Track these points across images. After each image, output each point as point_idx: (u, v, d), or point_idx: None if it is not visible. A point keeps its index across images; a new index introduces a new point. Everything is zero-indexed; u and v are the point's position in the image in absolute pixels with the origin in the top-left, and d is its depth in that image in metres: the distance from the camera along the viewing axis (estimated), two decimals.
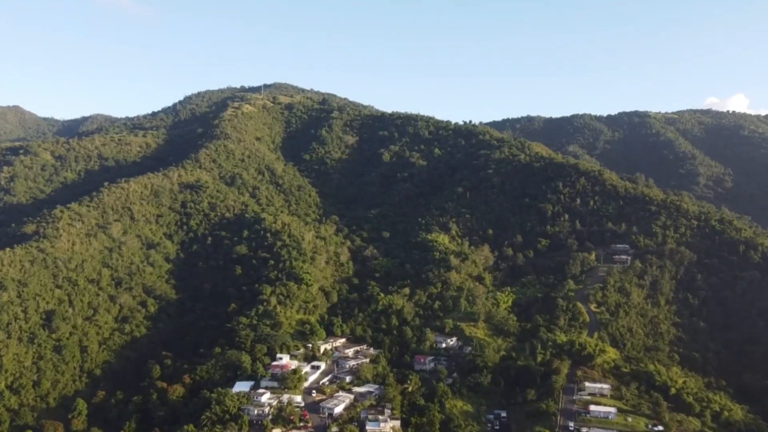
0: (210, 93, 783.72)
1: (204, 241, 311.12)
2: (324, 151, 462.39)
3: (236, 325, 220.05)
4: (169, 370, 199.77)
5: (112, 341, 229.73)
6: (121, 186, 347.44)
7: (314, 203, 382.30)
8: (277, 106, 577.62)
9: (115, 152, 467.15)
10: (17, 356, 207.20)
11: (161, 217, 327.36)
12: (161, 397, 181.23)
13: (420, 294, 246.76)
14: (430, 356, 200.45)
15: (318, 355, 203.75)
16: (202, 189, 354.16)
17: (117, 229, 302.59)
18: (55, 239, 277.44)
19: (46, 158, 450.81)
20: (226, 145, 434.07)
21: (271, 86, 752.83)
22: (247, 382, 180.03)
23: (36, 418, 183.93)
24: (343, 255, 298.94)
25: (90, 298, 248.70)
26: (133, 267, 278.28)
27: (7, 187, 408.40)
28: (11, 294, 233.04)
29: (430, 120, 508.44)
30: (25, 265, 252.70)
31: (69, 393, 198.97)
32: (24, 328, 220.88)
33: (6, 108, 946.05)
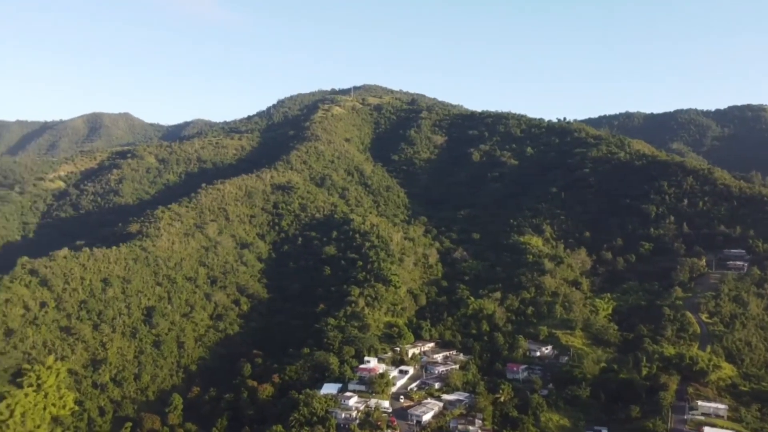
0: (302, 96, 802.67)
1: (294, 241, 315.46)
2: (412, 152, 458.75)
3: (324, 326, 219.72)
4: (260, 369, 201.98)
5: (207, 338, 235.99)
6: (217, 187, 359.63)
7: (402, 204, 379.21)
8: (365, 107, 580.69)
9: (213, 155, 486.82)
10: (120, 350, 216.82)
11: (254, 218, 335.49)
12: (251, 396, 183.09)
13: (512, 299, 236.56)
14: (523, 365, 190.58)
15: (406, 360, 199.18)
16: (293, 190, 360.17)
17: (213, 229, 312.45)
18: (156, 238, 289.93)
19: (151, 161, 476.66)
20: (316, 147, 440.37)
21: (360, 88, 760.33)
22: (334, 385, 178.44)
23: (136, 411, 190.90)
24: (432, 257, 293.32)
25: (187, 295, 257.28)
26: (227, 266, 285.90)
27: (116, 188, 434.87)
28: (116, 290, 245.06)
29: (521, 118, 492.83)
30: (129, 262, 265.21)
31: (166, 387, 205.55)
32: (127, 323, 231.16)
33: (117, 115, 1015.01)
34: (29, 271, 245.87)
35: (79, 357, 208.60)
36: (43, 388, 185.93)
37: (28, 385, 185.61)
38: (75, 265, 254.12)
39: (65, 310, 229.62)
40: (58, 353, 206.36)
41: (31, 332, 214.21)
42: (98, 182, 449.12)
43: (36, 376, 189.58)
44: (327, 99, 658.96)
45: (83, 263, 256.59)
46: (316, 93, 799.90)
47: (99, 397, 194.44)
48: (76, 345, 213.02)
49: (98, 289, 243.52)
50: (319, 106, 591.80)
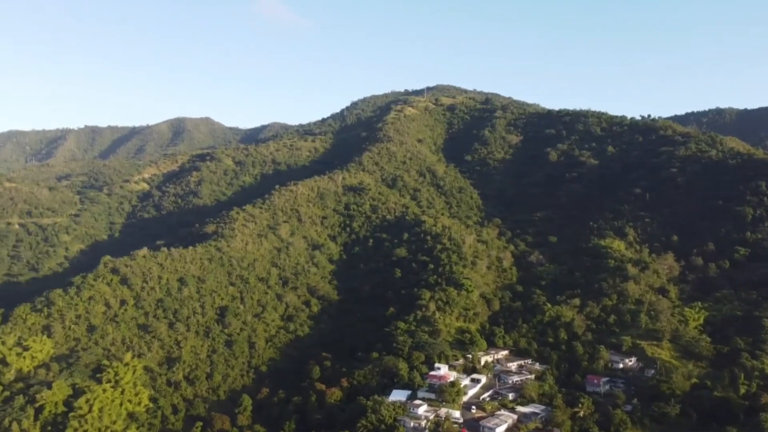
0: (375, 98, 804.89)
1: (365, 243, 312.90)
2: (486, 152, 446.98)
3: (394, 330, 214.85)
4: (328, 372, 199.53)
5: (277, 339, 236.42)
6: (290, 189, 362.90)
7: (476, 205, 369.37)
8: (438, 107, 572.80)
9: (287, 157, 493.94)
10: (194, 349, 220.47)
11: (326, 219, 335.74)
12: (319, 400, 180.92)
13: (592, 306, 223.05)
14: (604, 377, 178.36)
15: (478, 368, 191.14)
16: (365, 191, 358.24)
17: (285, 230, 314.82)
18: (230, 239, 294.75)
19: (228, 164, 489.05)
20: (388, 148, 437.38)
21: (433, 88, 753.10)
22: (403, 391, 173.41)
23: (207, 410, 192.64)
24: (506, 260, 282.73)
25: (259, 296, 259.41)
26: (298, 267, 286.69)
27: (195, 190, 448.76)
28: (191, 290, 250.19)
29: (602, 116, 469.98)
30: (204, 262, 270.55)
31: (237, 387, 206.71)
32: (201, 322, 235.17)
33: (199, 120, 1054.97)
34: (111, 269, 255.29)
35: (155, 354, 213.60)
36: (120, 385, 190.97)
37: (106, 380, 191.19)
38: (153, 264, 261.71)
39: (143, 308, 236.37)
40: (135, 350, 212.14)
41: (111, 329, 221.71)
42: (179, 184, 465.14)
43: (114, 373, 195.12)
44: (400, 100, 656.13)
45: (161, 263, 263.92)
46: (389, 94, 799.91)
47: (172, 395, 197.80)
48: (152, 343, 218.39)
49: (174, 288, 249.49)
50: (392, 107, 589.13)
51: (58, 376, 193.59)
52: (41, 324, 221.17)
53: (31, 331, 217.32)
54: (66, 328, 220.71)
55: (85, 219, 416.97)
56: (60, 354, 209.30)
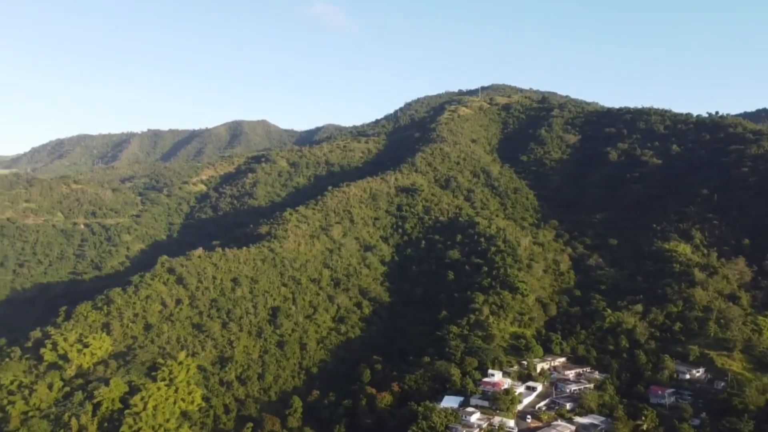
0: (428, 98, 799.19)
1: (418, 244, 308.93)
2: (543, 152, 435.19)
3: (446, 334, 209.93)
4: (379, 376, 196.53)
5: (328, 340, 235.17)
6: (342, 190, 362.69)
7: (531, 206, 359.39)
8: (493, 107, 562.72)
9: (340, 158, 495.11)
10: (246, 349, 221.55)
11: (378, 220, 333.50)
12: (370, 404, 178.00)
13: (656, 313, 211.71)
14: (669, 388, 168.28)
15: (534, 375, 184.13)
16: (418, 192, 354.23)
17: (338, 231, 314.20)
18: (283, 240, 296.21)
19: (282, 165, 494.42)
20: (441, 148, 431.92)
21: (488, 88, 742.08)
22: (455, 398, 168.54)
23: (258, 411, 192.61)
24: (563, 263, 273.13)
25: (311, 297, 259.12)
26: (350, 268, 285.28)
27: (250, 191, 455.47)
28: (244, 290, 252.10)
29: (665, 113, 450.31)
30: (257, 263, 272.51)
31: (288, 388, 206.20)
32: (253, 322, 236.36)
33: (255, 122, 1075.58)
34: (168, 269, 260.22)
35: (208, 354, 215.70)
36: (174, 383, 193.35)
37: (161, 379, 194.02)
38: (208, 264, 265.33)
39: (197, 308, 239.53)
40: (189, 349, 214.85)
41: (166, 328, 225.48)
42: (234, 185, 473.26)
43: (169, 371, 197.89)
44: (454, 100, 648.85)
45: (215, 263, 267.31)
46: (443, 95, 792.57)
47: (225, 394, 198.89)
48: (206, 342, 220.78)
49: (228, 288, 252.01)
50: (446, 108, 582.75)
51: (116, 373, 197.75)
52: (101, 321, 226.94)
53: (92, 328, 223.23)
54: (124, 326, 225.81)
55: (145, 219, 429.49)
56: (118, 351, 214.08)
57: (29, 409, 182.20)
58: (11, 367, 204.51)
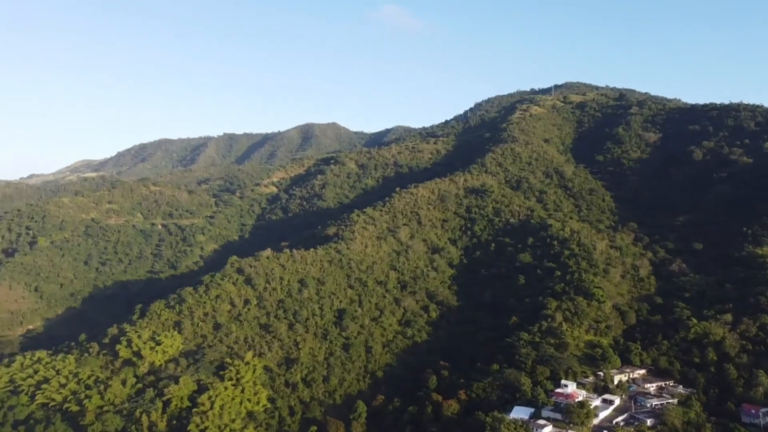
0: (499, 98, 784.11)
1: (487, 247, 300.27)
2: (620, 151, 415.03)
3: (516, 340, 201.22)
4: (445, 382, 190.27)
5: (394, 344, 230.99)
6: (410, 191, 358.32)
7: (608, 208, 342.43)
8: (567, 105, 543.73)
9: (409, 159, 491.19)
10: (312, 350, 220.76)
11: (446, 222, 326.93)
12: (435, 411, 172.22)
13: (747, 323, 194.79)
14: (764, 408, 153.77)
15: (611, 387, 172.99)
16: (487, 193, 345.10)
17: (405, 233, 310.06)
18: (350, 241, 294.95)
19: (351, 167, 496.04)
20: (512, 149, 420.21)
21: (561, 86, 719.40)
22: (526, 409, 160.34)
23: (323, 413, 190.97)
24: (643, 269, 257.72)
25: (377, 299, 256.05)
26: (417, 271, 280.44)
27: (319, 192, 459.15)
28: (311, 291, 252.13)
29: (757, 109, 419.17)
30: (324, 264, 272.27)
31: (352, 392, 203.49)
32: (319, 324, 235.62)
33: (326, 125, 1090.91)
34: (237, 269, 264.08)
35: (274, 355, 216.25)
36: (241, 383, 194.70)
37: (228, 378, 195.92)
38: (276, 265, 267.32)
39: (265, 308, 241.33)
40: (256, 349, 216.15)
41: (234, 327, 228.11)
42: (304, 187, 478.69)
43: (236, 371, 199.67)
44: (525, 99, 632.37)
45: (283, 264, 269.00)
46: (515, 94, 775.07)
47: (290, 396, 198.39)
48: (272, 343, 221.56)
49: (295, 290, 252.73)
50: (517, 107, 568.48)
51: (185, 372, 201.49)
52: (173, 320, 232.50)
53: (164, 326, 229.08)
54: (195, 324, 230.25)
55: (219, 220, 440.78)
56: (188, 350, 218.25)
57: (104, 403, 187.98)
58: (89, 362, 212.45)
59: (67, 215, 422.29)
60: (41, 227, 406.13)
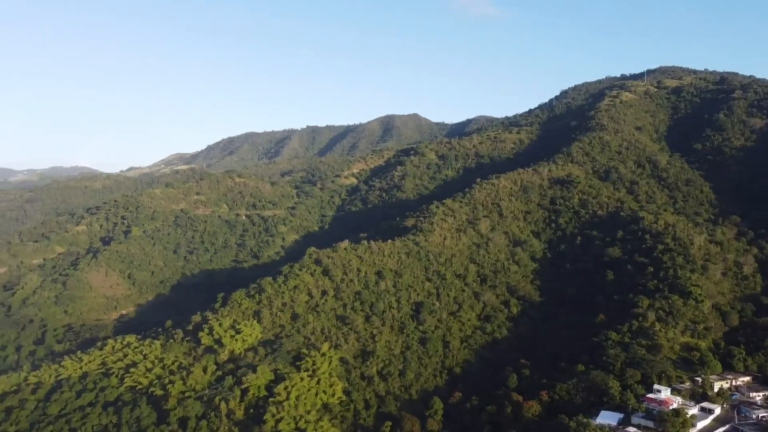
0: (587, 85, 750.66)
1: (572, 240, 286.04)
2: (721, 139, 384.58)
3: (604, 340, 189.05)
4: (526, 382, 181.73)
5: (473, 340, 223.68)
6: (491, 182, 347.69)
7: (707, 200, 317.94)
8: (661, 91, 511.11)
9: (490, 149, 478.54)
10: (388, 344, 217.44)
11: (529, 214, 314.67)
12: (515, 412, 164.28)
13: None
14: None
15: (710, 395, 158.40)
16: (573, 184, 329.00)
17: (485, 225, 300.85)
18: (429, 233, 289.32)
19: (431, 158, 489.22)
20: (601, 137, 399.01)
21: (655, 71, 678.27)
22: (614, 414, 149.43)
23: (398, 408, 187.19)
24: (748, 266, 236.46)
25: (456, 293, 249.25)
26: (498, 264, 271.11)
27: (399, 184, 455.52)
28: (388, 283, 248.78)
29: None
30: (401, 256, 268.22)
31: (429, 388, 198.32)
32: (396, 317, 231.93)
33: (407, 116, 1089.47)
34: (315, 260, 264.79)
35: (350, 347, 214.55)
36: (317, 374, 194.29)
37: (304, 369, 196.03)
38: (353, 256, 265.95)
39: (342, 300, 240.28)
40: (332, 341, 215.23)
41: (312, 318, 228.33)
42: (384, 178, 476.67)
43: (312, 362, 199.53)
44: (615, 85, 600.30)
45: (360, 255, 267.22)
46: (603, 81, 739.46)
47: (365, 389, 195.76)
48: (349, 335, 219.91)
49: (372, 281, 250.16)
50: (606, 94, 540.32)
51: (263, 361, 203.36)
52: (253, 309, 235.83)
53: (244, 315, 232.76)
54: (273, 314, 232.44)
55: (300, 211, 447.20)
56: (266, 339, 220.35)
57: (186, 389, 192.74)
58: (174, 348, 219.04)
59: (159, 206, 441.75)
60: (135, 217, 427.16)
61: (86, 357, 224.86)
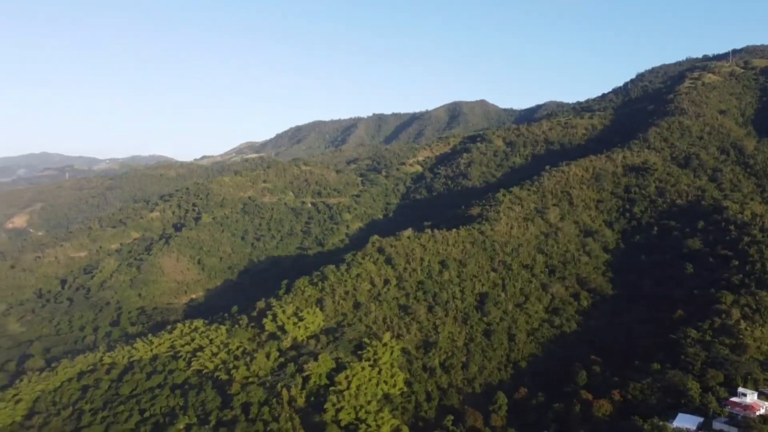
0: (665, 67, 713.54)
1: (648, 230, 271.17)
2: None
3: (683, 338, 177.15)
4: (597, 379, 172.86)
5: (540, 333, 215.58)
6: (561, 169, 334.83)
7: None
8: (748, 71, 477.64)
9: (561, 136, 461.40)
10: (451, 335, 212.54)
11: (601, 203, 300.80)
12: (584, 411, 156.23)
13: None
14: None
15: None
16: (649, 172, 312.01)
17: (554, 214, 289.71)
18: (495, 222, 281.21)
19: (498, 144, 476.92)
20: (680, 122, 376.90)
21: (741, 51, 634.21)
22: (693, 417, 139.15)
23: (460, 402, 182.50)
24: None
25: (522, 284, 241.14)
26: (567, 255, 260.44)
27: (465, 171, 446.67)
28: (452, 273, 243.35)
29: None
30: (466, 245, 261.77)
31: (493, 382, 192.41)
32: (459, 307, 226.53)
33: (474, 103, 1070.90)
34: (378, 249, 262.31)
35: (412, 337, 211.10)
36: (378, 364, 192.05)
37: (366, 359, 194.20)
38: (416, 245, 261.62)
39: (404, 289, 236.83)
40: (394, 331, 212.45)
41: (374, 307, 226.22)
42: (449, 166, 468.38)
43: (373, 351, 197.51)
44: (696, 67, 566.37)
45: (424, 244, 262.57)
46: (683, 62, 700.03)
47: (427, 381, 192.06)
48: (411, 325, 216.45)
49: (435, 271, 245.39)
50: (686, 76, 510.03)
51: (325, 349, 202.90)
52: (315, 297, 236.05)
53: (307, 302, 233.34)
54: (336, 302, 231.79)
55: (364, 199, 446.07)
56: (328, 327, 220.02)
57: (249, 375, 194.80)
58: (238, 334, 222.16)
59: (228, 193, 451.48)
60: (205, 204, 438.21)
61: (156, 340, 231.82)
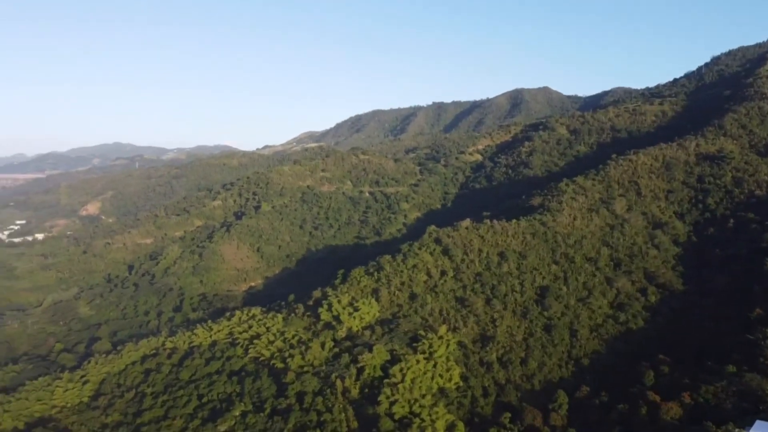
0: (743, 49, 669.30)
1: (723, 223, 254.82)
2: None
3: (761, 339, 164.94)
4: (665, 380, 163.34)
5: (604, 329, 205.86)
6: (629, 158, 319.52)
7: None
8: None
9: (628, 123, 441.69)
10: (509, 329, 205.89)
11: (672, 193, 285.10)
12: (651, 413, 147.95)
13: None
14: None
15: None
16: (725, 161, 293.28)
17: (621, 204, 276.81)
18: (557, 213, 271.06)
19: (562, 132, 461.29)
20: (761, 107, 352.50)
21: None
22: None
23: (518, 399, 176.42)
24: None
25: (585, 277, 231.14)
26: (634, 248, 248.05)
27: (526, 160, 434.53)
28: (511, 265, 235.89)
29: None
30: (526, 237, 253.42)
31: (553, 379, 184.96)
32: (519, 301, 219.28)
33: (536, 90, 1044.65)
34: (435, 239, 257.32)
35: (469, 330, 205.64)
36: (433, 357, 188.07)
37: (421, 351, 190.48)
38: (474, 236, 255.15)
39: (461, 281, 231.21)
40: (450, 323, 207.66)
41: (430, 299, 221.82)
42: (510, 155, 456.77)
43: (429, 344, 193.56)
44: None
45: (482, 235, 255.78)
46: (764, 44, 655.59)
47: (484, 376, 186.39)
48: (468, 318, 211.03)
49: (494, 263, 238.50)
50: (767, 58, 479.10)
51: (380, 340, 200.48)
52: (371, 287, 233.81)
53: (363, 292, 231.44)
54: (391, 293, 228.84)
55: (422, 188, 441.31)
56: (383, 318, 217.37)
57: (304, 364, 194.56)
58: (294, 323, 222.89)
59: (287, 182, 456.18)
60: (265, 193, 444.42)
61: (216, 326, 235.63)
